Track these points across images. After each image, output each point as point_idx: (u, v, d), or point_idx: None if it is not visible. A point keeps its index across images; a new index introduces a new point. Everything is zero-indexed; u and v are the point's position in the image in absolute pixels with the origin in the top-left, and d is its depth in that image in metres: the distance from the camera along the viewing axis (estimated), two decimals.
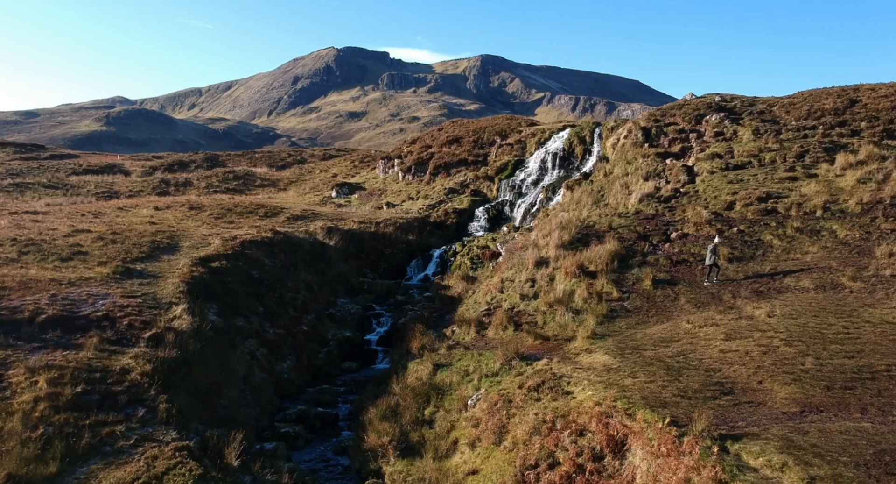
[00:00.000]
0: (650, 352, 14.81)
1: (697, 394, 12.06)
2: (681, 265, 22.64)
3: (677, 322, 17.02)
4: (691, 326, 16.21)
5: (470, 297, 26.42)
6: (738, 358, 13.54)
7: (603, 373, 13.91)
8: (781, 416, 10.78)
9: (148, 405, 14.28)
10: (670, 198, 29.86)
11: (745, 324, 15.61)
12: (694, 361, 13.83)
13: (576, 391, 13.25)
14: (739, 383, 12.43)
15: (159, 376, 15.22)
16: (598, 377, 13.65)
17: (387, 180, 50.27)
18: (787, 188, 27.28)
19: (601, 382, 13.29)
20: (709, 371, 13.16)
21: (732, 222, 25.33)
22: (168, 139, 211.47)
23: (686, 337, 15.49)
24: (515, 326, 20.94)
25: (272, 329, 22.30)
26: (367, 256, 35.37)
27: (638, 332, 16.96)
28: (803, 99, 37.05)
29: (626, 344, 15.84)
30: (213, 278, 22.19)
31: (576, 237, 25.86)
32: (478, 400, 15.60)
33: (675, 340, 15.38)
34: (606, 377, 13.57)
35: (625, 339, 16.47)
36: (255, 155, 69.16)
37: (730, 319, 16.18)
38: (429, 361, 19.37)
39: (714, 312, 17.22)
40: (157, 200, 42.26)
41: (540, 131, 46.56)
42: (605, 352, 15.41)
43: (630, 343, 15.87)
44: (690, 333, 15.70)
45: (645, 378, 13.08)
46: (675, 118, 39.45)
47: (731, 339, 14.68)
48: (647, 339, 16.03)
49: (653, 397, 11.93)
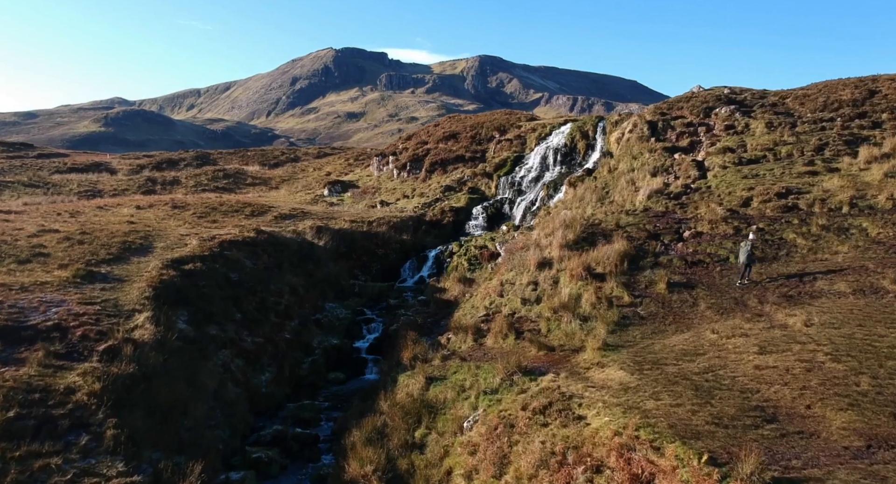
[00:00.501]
0: (673, 367, 12.90)
1: (735, 421, 10.14)
2: (697, 267, 20.72)
3: (700, 331, 15.10)
4: (717, 336, 14.29)
5: (467, 301, 24.53)
6: (777, 376, 11.62)
7: (620, 393, 12.00)
8: (843, 451, 8.87)
9: (93, 431, 12.36)
10: (681, 194, 27.96)
11: (779, 334, 13.68)
12: (725, 379, 11.92)
13: (589, 416, 11.33)
14: (784, 408, 10.51)
15: (110, 396, 13.29)
16: (615, 398, 11.73)
17: (381, 178, 48.25)
18: (807, 183, 25.39)
19: (619, 404, 11.37)
20: (745, 392, 11.24)
21: (750, 220, 23.43)
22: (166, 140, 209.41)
23: (713, 350, 13.56)
24: (517, 335, 19.04)
25: (250, 337, 20.35)
26: (358, 256, 33.45)
27: (655, 342, 15.03)
28: (818, 90, 35.15)
29: (644, 357, 13.91)
30: (186, 282, 20.25)
31: (581, 236, 23.96)
32: (475, 422, 13.68)
33: (701, 354, 13.46)
34: (624, 398, 11.66)
35: (641, 351, 14.55)
36: (247, 153, 67.16)
37: (761, 329, 14.26)
38: (421, 373, 17.45)
39: (741, 319, 15.30)
40: (140, 199, 40.30)
41: (540, 126, 44.61)
42: (620, 366, 13.49)
43: (648, 356, 13.95)
44: (717, 345, 13.78)
45: (670, 400, 11.17)
46: (682, 111, 37.54)
47: (766, 352, 12.76)
48: (667, 351, 14.11)
49: (682, 426, 10.02)
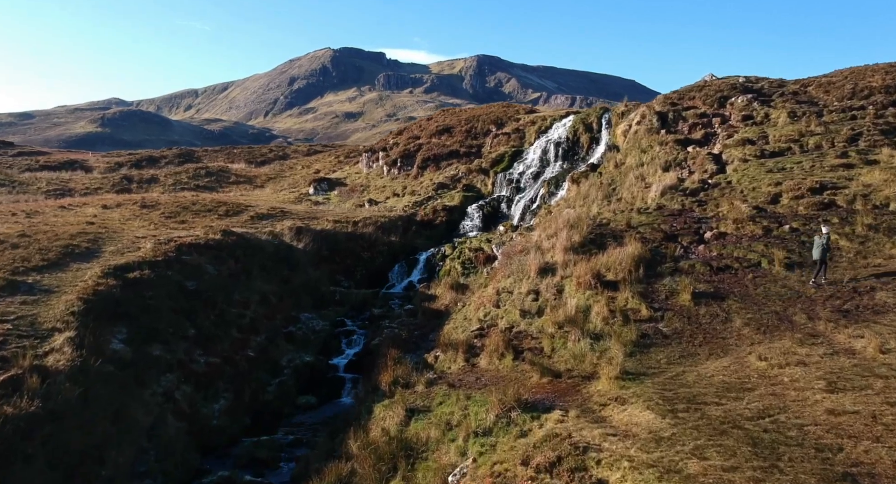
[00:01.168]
0: (716, 408, 9.98)
1: None
2: (724, 273, 17.81)
3: (741, 356, 12.19)
4: (766, 364, 11.38)
5: (459, 311, 21.60)
6: (863, 426, 8.72)
7: (650, 445, 9.09)
8: None
9: None
10: (698, 190, 25.07)
11: (848, 363, 10.79)
12: (790, 428, 9.01)
13: (612, 480, 8.43)
14: (884, 477, 7.61)
15: None
16: (645, 453, 8.83)
17: (370, 175, 45.28)
18: (842, 177, 22.50)
19: (651, 464, 8.47)
20: (822, 450, 8.34)
21: (781, 219, 20.53)
22: (163, 140, 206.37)
23: (763, 383, 10.66)
24: (515, 354, 16.13)
25: (204, 357, 17.41)
26: (342, 260, 30.53)
27: (687, 370, 12.12)
28: (844, 77, 32.26)
29: (676, 391, 10.99)
30: (128, 293, 17.31)
31: (588, 238, 21.06)
32: (462, 475, 10.76)
33: (749, 389, 10.54)
34: (657, 454, 8.75)
35: (670, 382, 11.63)
36: (233, 151, 64.09)
37: (822, 356, 11.36)
38: (401, 404, 14.52)
39: (791, 341, 12.39)
40: (110, 198, 37.35)
41: (540, 119, 41.70)
42: (645, 405, 10.57)
43: (680, 390, 11.03)
44: (768, 377, 10.88)
45: (721, 460, 8.27)
46: (694, 101, 34.65)
47: (837, 389, 9.86)
48: (703, 383, 11.20)
49: None
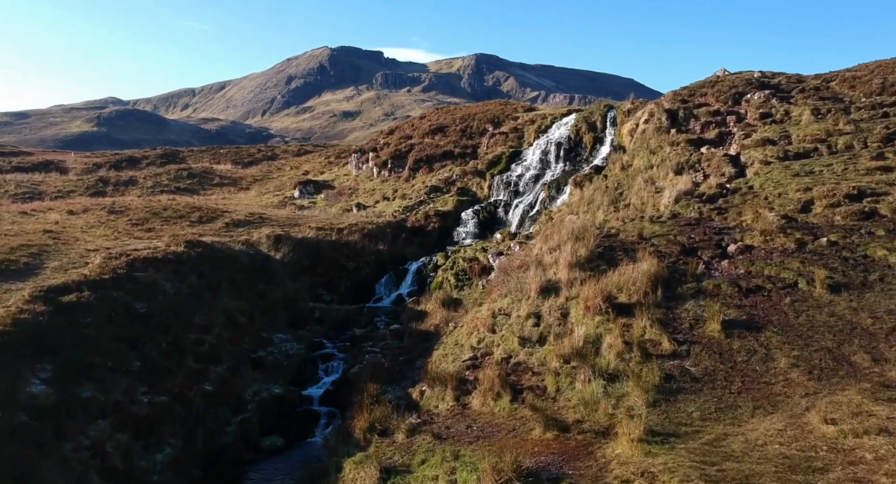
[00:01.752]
0: None
1: None
2: (756, 295, 15.24)
3: (797, 414, 9.66)
4: (835, 430, 8.84)
5: (450, 333, 19.08)
6: None
7: None
8: None
9: None
10: (716, 196, 22.53)
11: None
12: None
13: None
14: None
15: None
16: None
17: (359, 177, 42.71)
18: (882, 182, 19.97)
19: None
20: None
21: (816, 231, 17.99)
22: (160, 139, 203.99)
23: (839, 461, 8.12)
24: (513, 394, 13.62)
25: (149, 396, 14.84)
26: (324, 271, 28.01)
27: (729, 432, 9.58)
28: (870, 71, 29.78)
29: (721, 467, 8.44)
30: (59, 320, 14.75)
31: (596, 252, 18.49)
32: None
33: (821, 470, 8.01)
34: None
35: (710, 449, 9.09)
36: (219, 151, 61.52)
37: None
38: (375, 460, 11.98)
39: (858, 393, 9.85)
40: (79, 202, 34.83)
41: (540, 117, 39.15)
42: None
43: (726, 465, 8.48)
44: (843, 451, 8.35)
45: None
46: (706, 98, 32.13)
47: None
48: (755, 455, 8.66)
49: None
